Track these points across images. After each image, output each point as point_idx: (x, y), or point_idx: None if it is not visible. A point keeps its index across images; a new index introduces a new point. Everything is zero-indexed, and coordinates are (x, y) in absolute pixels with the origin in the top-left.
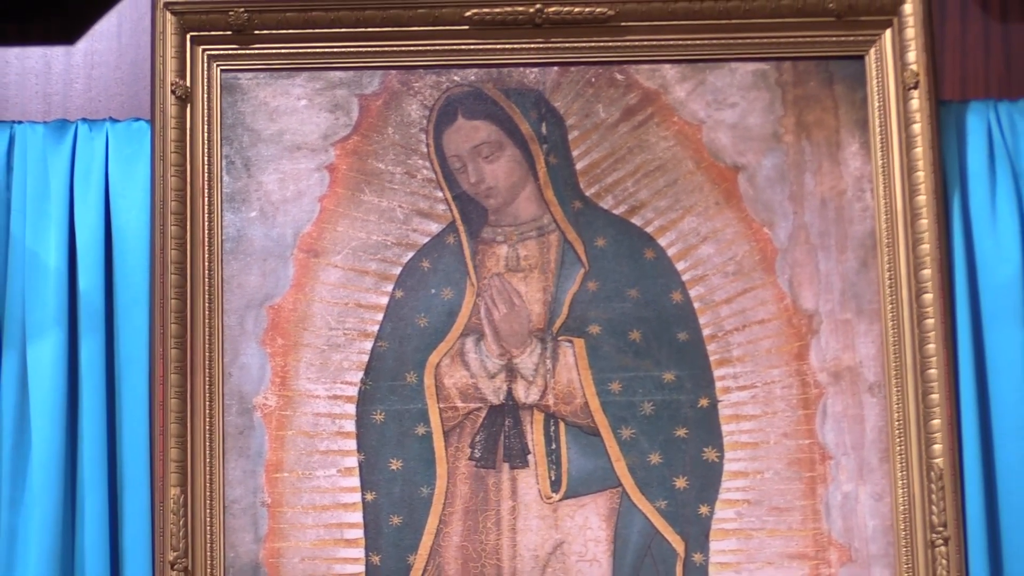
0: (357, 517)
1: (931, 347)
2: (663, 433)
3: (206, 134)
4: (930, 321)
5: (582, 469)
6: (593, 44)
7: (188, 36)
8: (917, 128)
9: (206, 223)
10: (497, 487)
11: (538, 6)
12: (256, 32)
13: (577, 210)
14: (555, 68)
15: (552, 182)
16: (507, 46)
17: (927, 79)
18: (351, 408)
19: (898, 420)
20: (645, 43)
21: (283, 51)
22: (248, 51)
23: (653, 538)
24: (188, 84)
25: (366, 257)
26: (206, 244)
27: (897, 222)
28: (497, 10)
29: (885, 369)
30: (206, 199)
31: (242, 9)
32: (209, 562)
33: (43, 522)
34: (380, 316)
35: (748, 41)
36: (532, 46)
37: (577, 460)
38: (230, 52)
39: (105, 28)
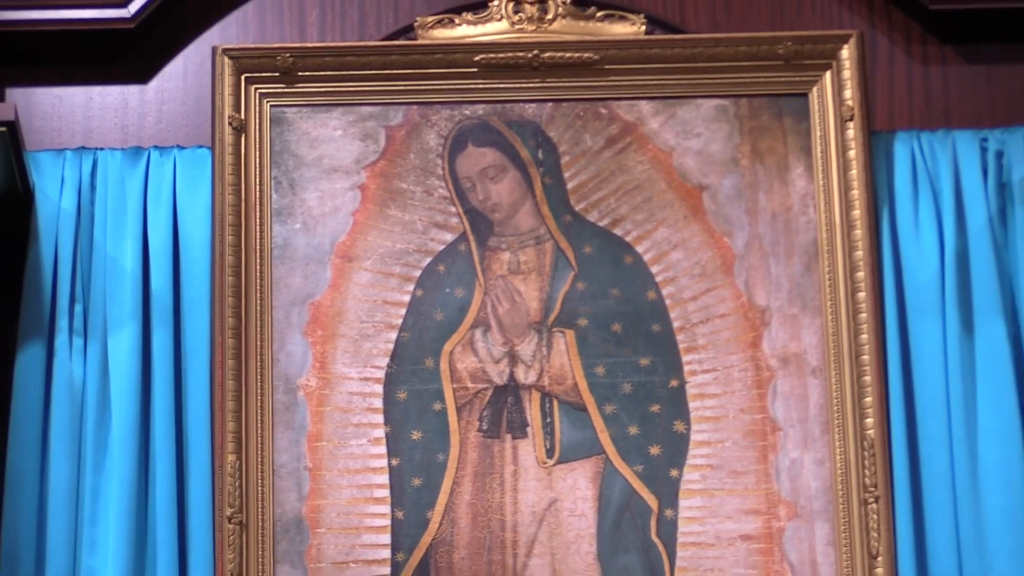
0: (384, 479)
1: (864, 337)
2: (640, 409)
3: (258, 159)
4: (863, 315)
5: (572, 439)
6: (581, 84)
7: (243, 77)
8: (852, 154)
9: (258, 233)
10: (501, 454)
11: (535, 52)
12: (299, 74)
13: (568, 223)
14: (549, 104)
15: (547, 199)
16: (509, 86)
17: (861, 113)
18: (379, 388)
19: (836, 398)
20: (624, 83)
21: (322, 90)
22: (293, 90)
23: (632, 496)
24: (243, 117)
25: (391, 262)
26: (258, 251)
27: (836, 232)
28: (501, 55)
29: (825, 355)
30: (258, 213)
31: (288, 55)
32: (261, 516)
33: (121, 483)
34: (403, 311)
35: (711, 81)
36: (530, 86)
37: (568, 431)
38: (278, 91)
39: (173, 70)
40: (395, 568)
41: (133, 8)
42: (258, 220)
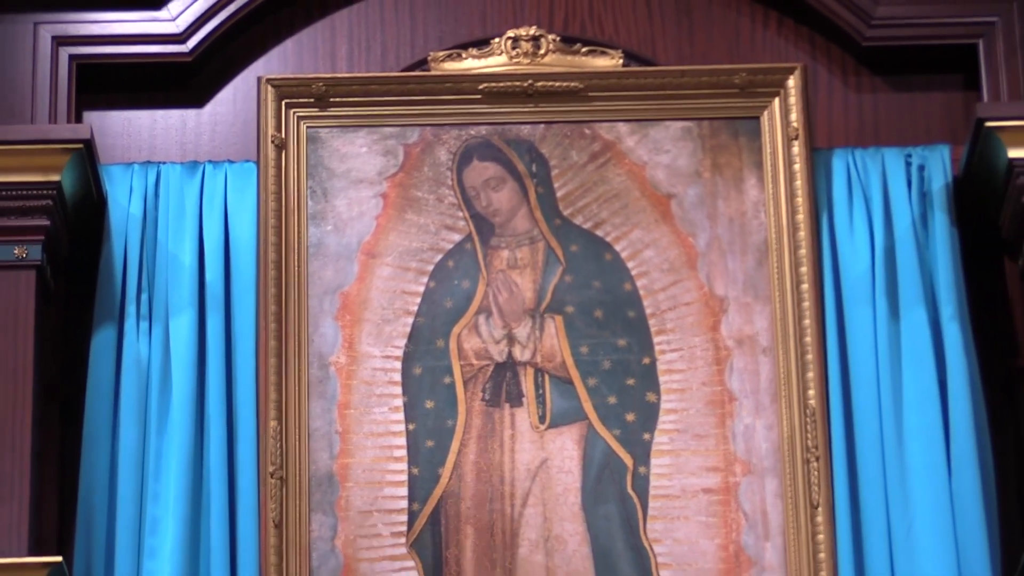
0: (402, 441)
1: (807, 322)
2: (618, 382)
3: (296, 172)
4: (806, 303)
5: (560, 407)
6: (568, 108)
7: (283, 102)
8: (797, 167)
9: (296, 234)
10: (501, 420)
11: (530, 81)
12: (331, 100)
13: (557, 225)
14: (542, 125)
15: (540, 205)
16: (508, 110)
17: (804, 133)
18: (398, 364)
19: (783, 373)
20: (605, 108)
21: (350, 113)
22: (325, 113)
23: (610, 456)
24: (283, 136)
25: (408, 258)
26: (296, 249)
27: (783, 234)
28: (501, 84)
29: (774, 337)
30: (296, 217)
31: (321, 83)
32: (298, 473)
33: (180, 444)
34: (418, 300)
35: (678, 106)
36: (526, 110)
37: (557, 401)
38: (313, 114)
39: (224, 96)
40: (411, 516)
41: (190, 45)
42: (296, 223)
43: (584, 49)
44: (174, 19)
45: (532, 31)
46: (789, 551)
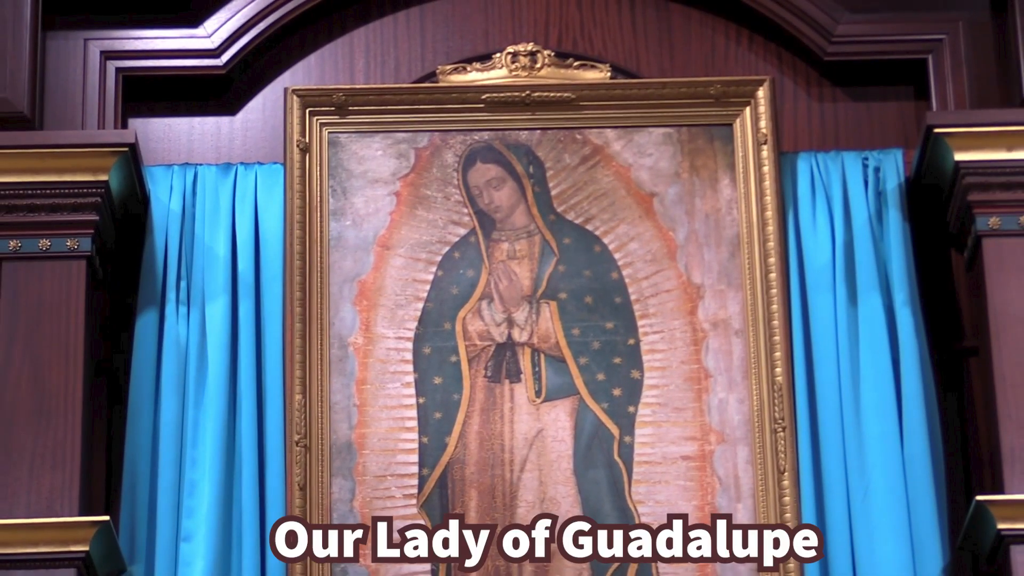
0: (413, 413)
1: (775, 307)
2: (606, 361)
3: (319, 172)
4: (774, 291)
5: (554, 383)
6: (562, 116)
7: (307, 110)
8: (766, 169)
9: (319, 228)
10: (501, 394)
11: (527, 92)
12: (350, 108)
13: (552, 221)
14: (538, 131)
15: (536, 203)
16: (508, 117)
17: (772, 138)
18: (410, 344)
19: (753, 352)
20: (595, 116)
21: (367, 120)
22: (345, 120)
23: (599, 427)
24: (307, 140)
25: (419, 250)
26: (319, 242)
27: (753, 228)
28: (502, 94)
29: (745, 320)
30: (319, 214)
31: (341, 94)
32: (320, 441)
33: (215, 415)
34: (428, 287)
35: (660, 115)
36: (524, 117)
37: (552, 377)
38: (333, 121)
39: (254, 105)
40: (421, 480)
41: (224, 59)
42: (319, 218)
43: (576, 63)
44: (209, 36)
45: (529, 47)
46: (758, 512)
